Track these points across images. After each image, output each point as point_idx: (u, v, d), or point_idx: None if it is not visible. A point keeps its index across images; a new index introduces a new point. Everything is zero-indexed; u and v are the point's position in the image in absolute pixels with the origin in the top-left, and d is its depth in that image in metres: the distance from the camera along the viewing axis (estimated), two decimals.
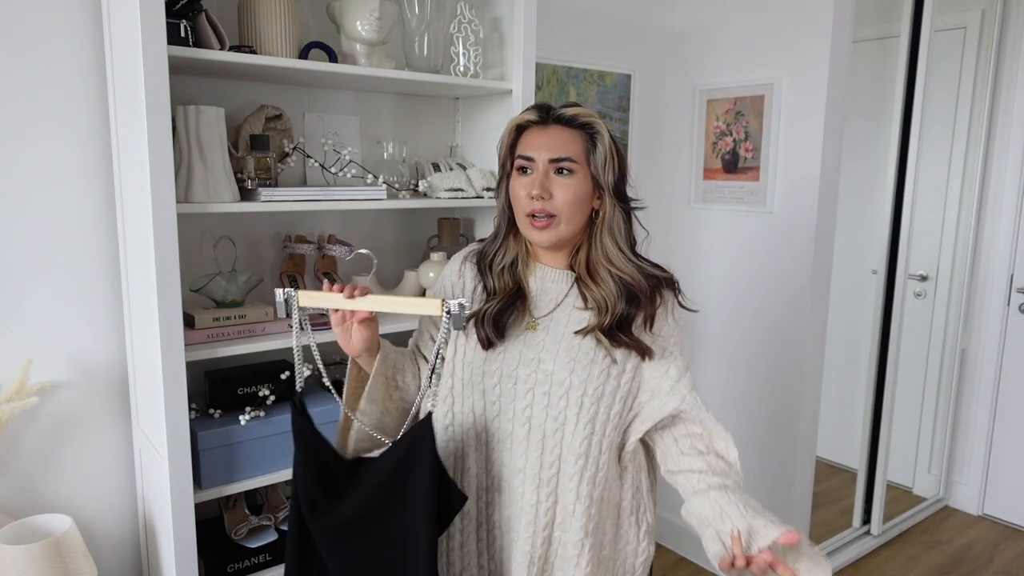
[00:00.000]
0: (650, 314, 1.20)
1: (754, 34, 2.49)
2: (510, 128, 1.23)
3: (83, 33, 1.61)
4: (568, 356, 1.18)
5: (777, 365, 2.55)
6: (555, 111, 1.21)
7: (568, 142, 1.18)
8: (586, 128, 1.19)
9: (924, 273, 3.32)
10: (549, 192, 1.17)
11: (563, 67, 2.45)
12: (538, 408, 1.18)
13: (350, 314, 1.17)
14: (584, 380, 1.17)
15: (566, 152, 1.17)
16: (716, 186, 2.65)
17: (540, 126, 1.20)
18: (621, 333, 1.17)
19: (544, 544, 1.19)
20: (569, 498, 1.17)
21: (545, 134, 1.19)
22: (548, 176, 1.17)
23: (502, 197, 1.26)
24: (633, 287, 1.18)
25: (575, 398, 1.17)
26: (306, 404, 1.20)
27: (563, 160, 1.17)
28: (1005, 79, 3.10)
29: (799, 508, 2.59)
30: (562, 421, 1.17)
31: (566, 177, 1.17)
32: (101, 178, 1.66)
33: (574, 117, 1.19)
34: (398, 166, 1.97)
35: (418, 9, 1.85)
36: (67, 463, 1.70)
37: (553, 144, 1.18)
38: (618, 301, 1.17)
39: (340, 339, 1.19)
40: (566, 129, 1.19)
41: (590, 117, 1.20)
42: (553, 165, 1.17)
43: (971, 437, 3.34)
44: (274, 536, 1.79)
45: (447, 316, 1.11)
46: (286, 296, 1.18)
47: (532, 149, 1.18)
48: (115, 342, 1.72)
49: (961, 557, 2.98)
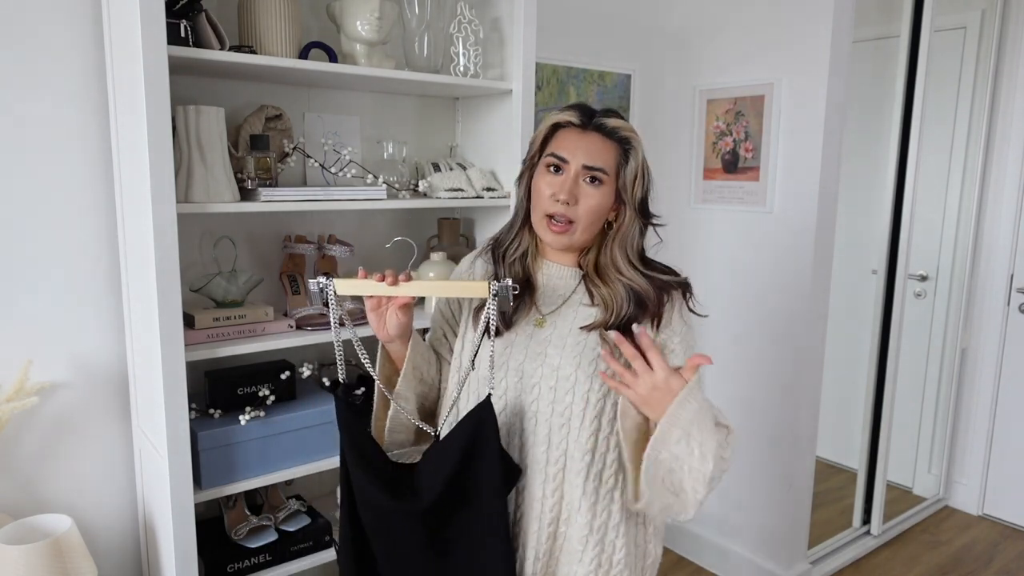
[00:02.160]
0: (657, 316, 1.20)
1: (754, 34, 2.49)
2: (548, 124, 1.22)
3: (83, 33, 1.61)
4: (575, 352, 1.18)
5: (777, 365, 2.55)
6: (597, 118, 1.20)
7: (604, 152, 1.18)
8: (623, 142, 1.19)
9: (924, 273, 3.32)
10: (576, 198, 1.17)
11: (563, 67, 2.44)
12: (544, 403, 1.18)
13: (386, 300, 1.16)
14: (590, 375, 1.17)
15: (601, 163, 1.17)
16: (716, 186, 2.65)
17: (579, 130, 1.20)
18: (624, 335, 1.17)
19: (549, 540, 1.19)
20: (575, 494, 1.17)
21: (583, 139, 1.18)
22: (577, 182, 1.17)
23: (522, 188, 1.26)
24: (641, 295, 1.19)
25: (581, 393, 1.17)
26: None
27: (597, 170, 1.17)
28: (1005, 79, 3.10)
29: (799, 508, 2.59)
30: (568, 417, 1.17)
31: (595, 187, 1.17)
32: (101, 178, 1.66)
33: (615, 129, 1.19)
34: (398, 166, 1.97)
35: (418, 9, 1.85)
36: (67, 463, 1.70)
37: (591, 151, 1.17)
38: (625, 304, 1.18)
39: (374, 325, 1.18)
40: (605, 139, 1.19)
41: (630, 132, 1.20)
42: (586, 172, 1.17)
43: (971, 437, 3.34)
44: (274, 536, 1.79)
45: (493, 297, 1.11)
46: (320, 286, 1.13)
47: (567, 151, 1.18)
48: (115, 342, 1.72)
49: (961, 557, 2.98)
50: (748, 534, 2.69)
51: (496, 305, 1.12)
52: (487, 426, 1.10)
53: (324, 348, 1.94)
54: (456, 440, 1.12)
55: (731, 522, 2.74)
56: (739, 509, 2.71)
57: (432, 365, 1.29)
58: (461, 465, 1.11)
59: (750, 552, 2.68)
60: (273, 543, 1.77)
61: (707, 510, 2.80)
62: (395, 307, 1.16)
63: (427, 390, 1.28)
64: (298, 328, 1.73)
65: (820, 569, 2.77)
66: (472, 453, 1.10)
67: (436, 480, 1.13)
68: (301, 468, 1.72)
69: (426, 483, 1.14)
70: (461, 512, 1.14)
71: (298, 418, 1.71)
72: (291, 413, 1.72)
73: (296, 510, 1.87)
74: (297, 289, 1.84)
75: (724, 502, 2.74)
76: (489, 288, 1.11)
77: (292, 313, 1.77)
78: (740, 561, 2.70)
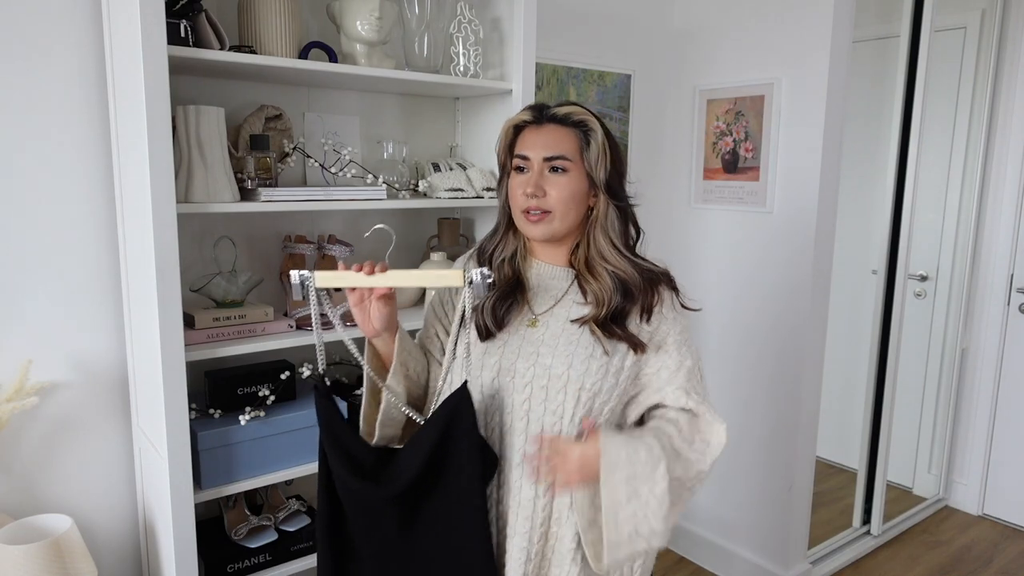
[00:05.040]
0: (646, 307, 1.21)
1: (754, 34, 2.49)
2: (507, 128, 1.26)
3: (83, 33, 1.61)
4: (567, 351, 1.19)
5: (777, 365, 2.55)
6: (549, 110, 1.23)
7: (562, 140, 1.21)
8: (579, 126, 1.22)
9: (924, 273, 3.32)
10: (543, 190, 1.20)
11: (563, 67, 2.44)
12: (536, 402, 1.19)
13: (368, 291, 1.17)
14: (582, 374, 1.17)
15: (559, 150, 1.20)
16: (716, 186, 2.65)
17: (535, 126, 1.23)
18: (615, 325, 1.19)
19: (541, 540, 1.20)
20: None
21: (540, 133, 1.22)
22: (543, 175, 1.20)
23: (502, 195, 1.28)
24: (628, 282, 1.20)
25: (572, 392, 1.18)
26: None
27: (556, 159, 1.20)
28: (1005, 79, 3.10)
29: (799, 508, 2.59)
30: (560, 415, 1.18)
31: (560, 175, 1.20)
32: (101, 178, 1.66)
33: (567, 116, 1.22)
34: (398, 166, 1.97)
35: (418, 9, 1.85)
36: (67, 463, 1.70)
37: (548, 143, 1.20)
38: (613, 295, 1.20)
39: (359, 319, 1.19)
40: (560, 128, 1.22)
41: (583, 115, 1.22)
42: (547, 164, 1.20)
43: (971, 437, 3.34)
44: (274, 536, 1.79)
45: (469, 286, 1.12)
46: (302, 278, 1.15)
47: (527, 148, 1.22)
48: (115, 342, 1.72)
49: (961, 557, 2.98)
50: (748, 534, 2.69)
51: (471, 293, 1.13)
52: (463, 411, 1.12)
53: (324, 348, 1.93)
54: (433, 425, 1.13)
55: (731, 522, 2.74)
56: (739, 509, 2.71)
57: (419, 361, 1.29)
58: (438, 449, 1.12)
59: (750, 552, 2.68)
60: (273, 543, 1.77)
61: (707, 510, 2.81)
62: (375, 298, 1.17)
63: (413, 386, 1.28)
64: (298, 328, 1.73)
65: (820, 569, 2.77)
66: (448, 437, 1.12)
67: (413, 463, 1.14)
68: (301, 468, 1.72)
69: (402, 466, 1.16)
70: (436, 496, 1.15)
71: (298, 418, 1.71)
72: (291, 413, 1.71)
73: (296, 510, 1.87)
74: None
75: (724, 502, 2.75)
76: (464, 277, 1.12)
77: (292, 313, 1.77)
78: (740, 561, 2.71)
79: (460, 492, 1.14)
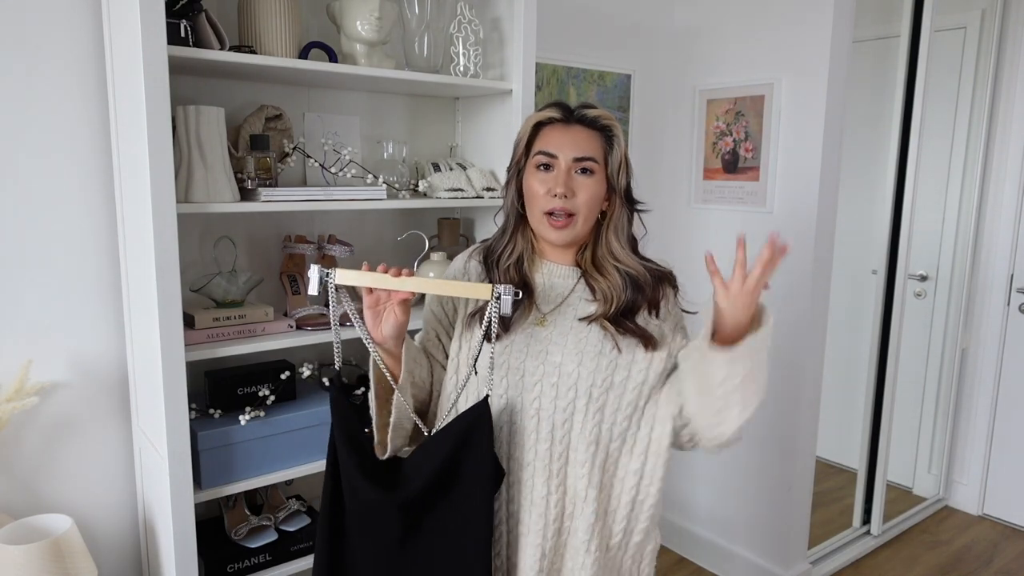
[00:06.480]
0: (654, 302, 1.23)
1: (754, 34, 2.49)
2: (530, 124, 1.24)
3: (83, 33, 1.61)
4: (576, 348, 1.19)
5: (777, 365, 2.55)
6: (578, 111, 1.23)
7: (590, 142, 1.21)
8: (605, 131, 1.22)
9: (924, 273, 3.32)
10: (572, 191, 1.19)
11: (563, 67, 2.44)
12: (546, 400, 1.19)
13: (386, 296, 1.12)
14: (592, 371, 1.17)
15: (589, 152, 1.20)
16: (716, 186, 2.65)
17: (563, 124, 1.22)
18: (626, 320, 1.19)
19: (555, 536, 1.20)
20: (580, 485, 1.18)
21: (568, 132, 1.21)
22: (570, 175, 1.19)
23: (512, 192, 1.26)
24: (638, 278, 1.22)
25: (584, 388, 1.17)
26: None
27: (586, 160, 1.19)
28: (1005, 79, 3.10)
29: (799, 508, 2.59)
30: (571, 412, 1.18)
31: (587, 177, 1.20)
32: (101, 178, 1.66)
33: (596, 119, 1.22)
34: (398, 166, 1.97)
35: (418, 9, 1.85)
36: (67, 463, 1.70)
37: (577, 143, 1.20)
38: (623, 291, 1.20)
39: (369, 323, 1.14)
40: (588, 129, 1.22)
41: (610, 120, 1.23)
42: (577, 164, 1.19)
43: (971, 437, 3.34)
44: (274, 536, 1.79)
45: (496, 300, 1.10)
46: (321, 273, 1.09)
47: (555, 147, 1.20)
48: (115, 342, 1.72)
49: (961, 557, 2.98)
50: (748, 534, 2.69)
51: (499, 308, 1.10)
52: (481, 424, 1.11)
53: (324, 348, 1.94)
54: (449, 435, 1.12)
55: (731, 522, 2.74)
56: (739, 509, 2.71)
57: (423, 367, 1.28)
58: (450, 460, 1.11)
59: (750, 552, 2.68)
60: (273, 543, 1.77)
61: (707, 510, 2.80)
62: (395, 303, 1.12)
63: (418, 392, 1.27)
64: (298, 328, 1.73)
65: (820, 569, 2.77)
66: (462, 449, 1.11)
67: (422, 472, 1.13)
68: (301, 468, 1.72)
69: (412, 474, 1.15)
70: (442, 507, 1.14)
71: (298, 418, 1.71)
72: (291, 413, 1.71)
73: (296, 510, 1.87)
74: (297, 289, 1.84)
75: (724, 502, 2.74)
76: (492, 291, 1.10)
77: (292, 313, 1.77)
78: (740, 561, 2.70)
79: (466, 507, 1.13)
